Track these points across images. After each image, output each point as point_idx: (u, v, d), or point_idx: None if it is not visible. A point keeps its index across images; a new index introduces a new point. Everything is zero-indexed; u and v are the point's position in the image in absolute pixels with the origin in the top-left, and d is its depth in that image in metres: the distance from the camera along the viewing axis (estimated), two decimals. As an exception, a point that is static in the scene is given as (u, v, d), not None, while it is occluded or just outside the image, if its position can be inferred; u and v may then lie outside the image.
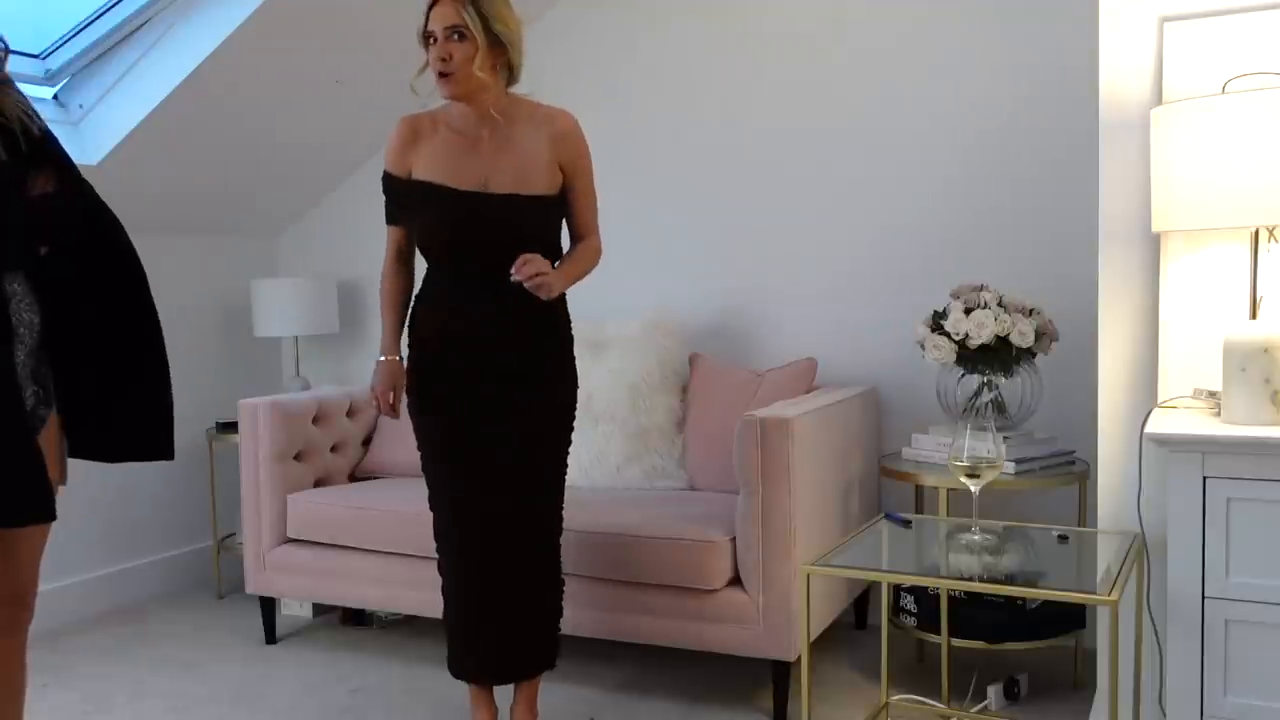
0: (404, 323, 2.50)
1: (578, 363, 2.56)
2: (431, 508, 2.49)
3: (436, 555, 2.51)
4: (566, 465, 2.52)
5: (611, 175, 3.69)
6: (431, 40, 2.29)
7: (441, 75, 2.28)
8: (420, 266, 2.52)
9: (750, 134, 3.54)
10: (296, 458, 3.34)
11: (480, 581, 2.44)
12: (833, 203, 3.44)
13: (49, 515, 1.73)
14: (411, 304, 2.50)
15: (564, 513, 2.50)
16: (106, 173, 3.35)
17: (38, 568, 1.92)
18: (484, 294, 2.37)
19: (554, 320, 2.47)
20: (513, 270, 2.25)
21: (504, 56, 2.33)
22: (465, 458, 2.41)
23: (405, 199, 2.43)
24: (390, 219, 2.49)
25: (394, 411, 2.50)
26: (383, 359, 2.49)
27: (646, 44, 3.67)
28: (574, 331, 2.53)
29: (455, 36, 2.25)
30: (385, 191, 2.47)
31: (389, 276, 2.50)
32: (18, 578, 1.88)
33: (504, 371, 2.39)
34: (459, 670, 2.50)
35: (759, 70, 3.51)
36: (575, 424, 2.92)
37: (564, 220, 2.48)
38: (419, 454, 2.49)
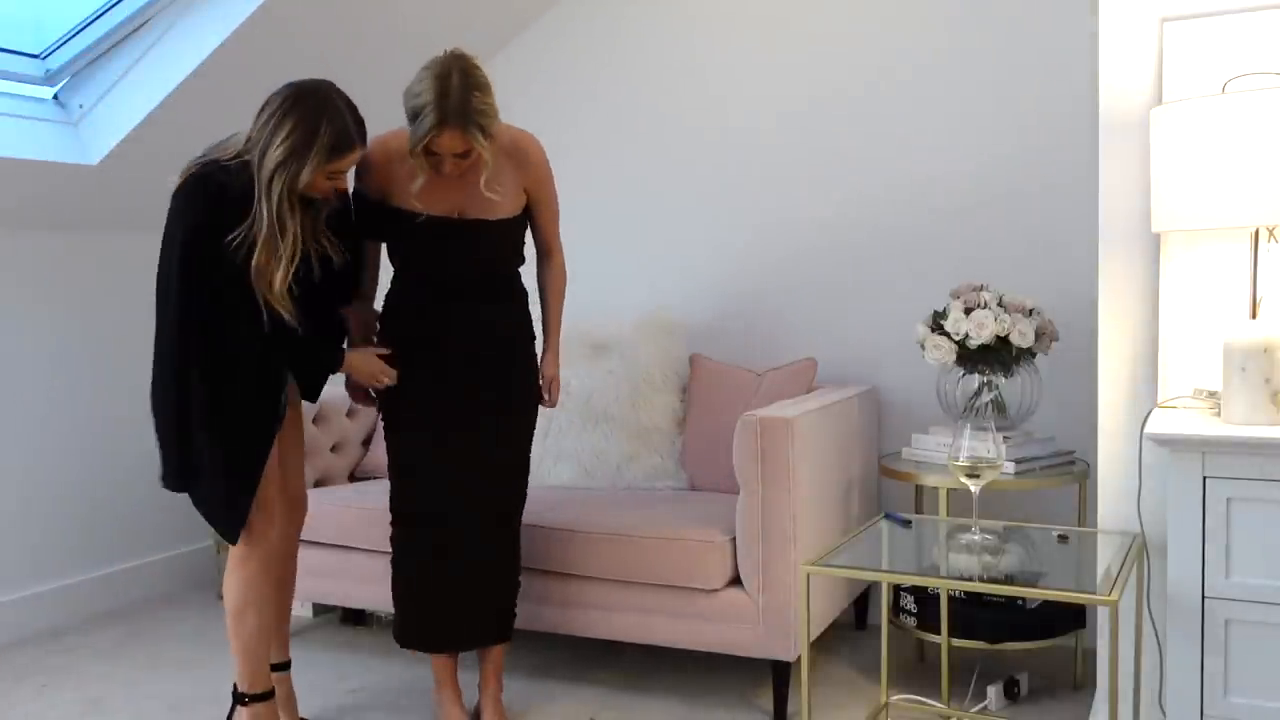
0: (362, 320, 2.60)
1: (579, 362, 2.61)
2: (394, 491, 2.58)
3: (391, 528, 2.59)
4: (531, 445, 2.65)
5: (611, 176, 3.71)
6: (432, 154, 2.32)
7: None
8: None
9: (750, 134, 3.54)
10: (296, 458, 3.34)
11: (446, 562, 2.53)
12: (833, 202, 3.43)
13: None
14: (380, 312, 2.59)
15: (564, 511, 2.50)
16: (106, 173, 3.35)
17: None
18: (453, 303, 2.49)
19: (521, 323, 2.59)
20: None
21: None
22: (443, 446, 2.51)
23: (378, 222, 2.50)
24: (359, 230, 2.54)
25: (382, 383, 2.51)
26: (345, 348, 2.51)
27: (644, 44, 3.67)
28: (575, 332, 2.58)
29: (464, 156, 2.33)
30: (355, 206, 2.52)
31: None
32: (297, 483, 2.61)
33: (475, 361, 2.49)
34: (413, 640, 2.60)
35: (759, 70, 3.51)
36: (574, 424, 2.91)
37: (529, 229, 2.60)
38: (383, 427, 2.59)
